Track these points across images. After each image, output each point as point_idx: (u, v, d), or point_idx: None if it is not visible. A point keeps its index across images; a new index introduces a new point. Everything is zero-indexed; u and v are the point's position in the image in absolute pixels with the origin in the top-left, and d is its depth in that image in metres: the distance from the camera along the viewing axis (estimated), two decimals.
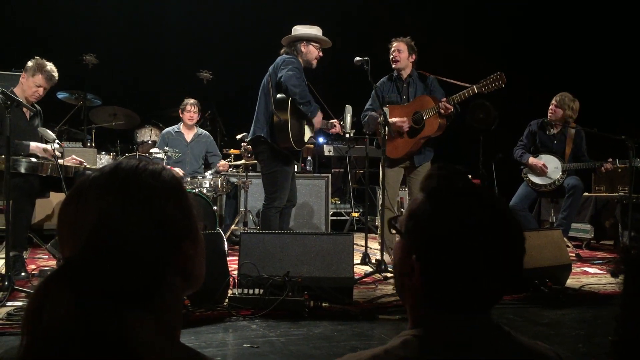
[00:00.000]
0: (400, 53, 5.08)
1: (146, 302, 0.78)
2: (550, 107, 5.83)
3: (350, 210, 7.77)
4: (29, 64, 4.41)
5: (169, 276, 0.82)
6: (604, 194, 6.80)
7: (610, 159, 5.51)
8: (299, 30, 4.85)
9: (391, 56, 5.13)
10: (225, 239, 5.17)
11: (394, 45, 5.13)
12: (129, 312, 0.74)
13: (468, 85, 4.73)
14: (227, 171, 6.29)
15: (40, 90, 4.45)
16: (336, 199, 8.06)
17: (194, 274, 0.87)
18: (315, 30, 4.87)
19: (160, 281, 0.80)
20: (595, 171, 5.73)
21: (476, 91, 4.68)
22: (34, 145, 4.32)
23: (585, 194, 6.36)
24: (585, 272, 4.82)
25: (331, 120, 5.01)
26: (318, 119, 4.73)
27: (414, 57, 5.14)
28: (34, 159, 4.20)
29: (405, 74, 5.15)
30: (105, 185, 0.81)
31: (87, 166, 4.64)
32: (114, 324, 0.71)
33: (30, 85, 4.39)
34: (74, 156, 4.69)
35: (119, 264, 0.75)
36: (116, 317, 0.71)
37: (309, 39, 4.81)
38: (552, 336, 2.98)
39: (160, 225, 0.81)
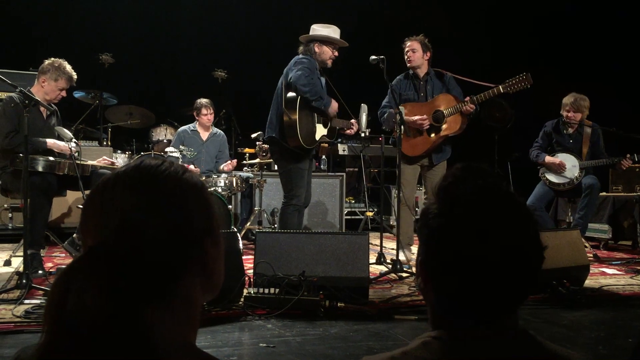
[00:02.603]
0: (415, 53, 5.05)
1: (165, 300, 0.78)
2: (567, 114, 5.69)
3: (365, 209, 7.74)
4: (46, 66, 4.43)
5: (189, 276, 0.82)
6: (622, 194, 6.70)
7: (628, 155, 5.42)
8: (315, 29, 4.85)
9: (405, 56, 5.09)
10: (240, 238, 5.17)
11: (407, 44, 5.09)
12: (147, 309, 0.74)
13: (492, 85, 4.67)
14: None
15: (64, 93, 4.51)
16: (350, 198, 8.03)
17: (213, 274, 0.87)
18: (331, 30, 4.85)
19: (180, 279, 0.80)
20: (614, 167, 5.63)
21: (502, 91, 4.65)
22: (51, 141, 4.35)
23: (603, 193, 6.28)
24: (604, 273, 4.76)
25: (351, 120, 5.00)
26: (333, 107, 4.75)
27: (428, 54, 5.10)
28: (51, 158, 4.23)
29: (421, 72, 5.11)
30: (131, 181, 0.82)
31: (117, 165, 4.69)
32: (137, 317, 0.71)
33: (53, 89, 4.43)
34: (105, 157, 4.77)
35: (142, 259, 0.75)
36: (139, 310, 0.72)
37: (322, 40, 4.80)
38: (572, 338, 2.94)
39: (183, 223, 0.81)
